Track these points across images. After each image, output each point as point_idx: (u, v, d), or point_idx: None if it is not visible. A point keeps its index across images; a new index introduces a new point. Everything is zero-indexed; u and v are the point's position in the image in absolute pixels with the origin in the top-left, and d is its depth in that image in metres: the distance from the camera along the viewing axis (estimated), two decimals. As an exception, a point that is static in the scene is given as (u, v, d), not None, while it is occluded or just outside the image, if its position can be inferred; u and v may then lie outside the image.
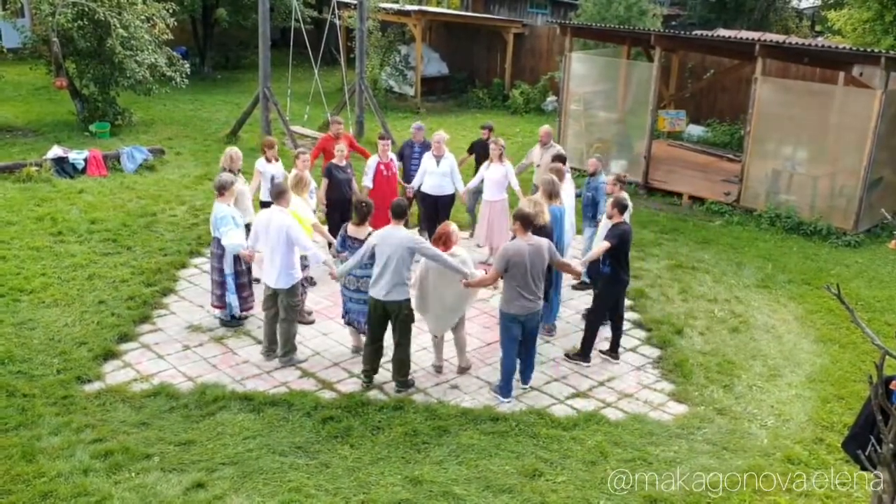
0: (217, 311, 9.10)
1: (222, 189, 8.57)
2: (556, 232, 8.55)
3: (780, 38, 17.61)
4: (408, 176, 11.50)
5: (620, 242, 8.20)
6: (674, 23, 24.72)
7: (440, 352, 8.31)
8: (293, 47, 16.36)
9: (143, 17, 16.58)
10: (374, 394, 7.82)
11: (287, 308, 8.20)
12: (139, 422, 7.18)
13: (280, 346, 8.33)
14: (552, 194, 8.81)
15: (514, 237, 7.70)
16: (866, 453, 5.16)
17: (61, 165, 14.04)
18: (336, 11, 17.56)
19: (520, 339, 7.68)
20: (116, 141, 16.16)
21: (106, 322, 8.93)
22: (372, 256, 7.61)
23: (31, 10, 18.23)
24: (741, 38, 14.53)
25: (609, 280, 8.44)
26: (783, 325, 9.69)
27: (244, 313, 9.10)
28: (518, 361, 7.88)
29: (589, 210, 10.37)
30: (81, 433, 6.96)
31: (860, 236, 12.62)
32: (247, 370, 8.20)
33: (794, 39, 19.04)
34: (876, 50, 13.31)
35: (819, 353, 9.06)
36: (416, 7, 22.52)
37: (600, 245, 8.34)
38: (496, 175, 10.79)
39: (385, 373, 8.20)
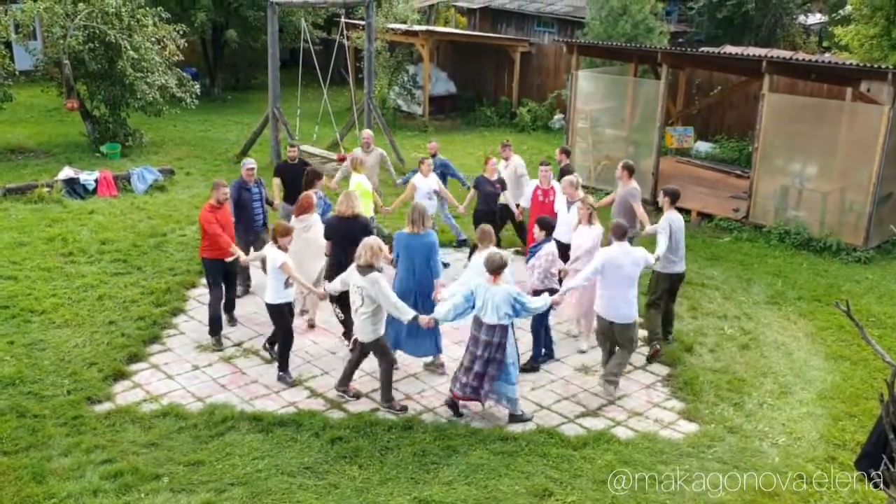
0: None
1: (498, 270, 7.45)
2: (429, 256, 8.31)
3: (787, 54, 17.63)
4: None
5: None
6: (681, 40, 24.78)
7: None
8: (302, 68, 16.46)
9: (153, 38, 16.76)
10: (382, 414, 7.82)
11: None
12: (149, 442, 7.20)
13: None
14: (424, 219, 8.33)
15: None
16: (879, 472, 5.13)
17: (72, 186, 14.15)
18: (344, 32, 17.67)
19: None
20: (127, 162, 16.29)
21: (116, 342, 8.97)
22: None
23: (43, 32, 18.42)
24: (748, 55, 14.58)
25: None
26: (793, 342, 9.64)
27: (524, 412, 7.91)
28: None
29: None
30: (91, 454, 6.99)
31: (870, 252, 12.56)
32: (256, 390, 8.21)
33: (801, 55, 19.04)
34: (883, 66, 13.32)
35: (830, 370, 9.00)
36: (423, 27, 22.66)
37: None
38: (587, 243, 8.96)
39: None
